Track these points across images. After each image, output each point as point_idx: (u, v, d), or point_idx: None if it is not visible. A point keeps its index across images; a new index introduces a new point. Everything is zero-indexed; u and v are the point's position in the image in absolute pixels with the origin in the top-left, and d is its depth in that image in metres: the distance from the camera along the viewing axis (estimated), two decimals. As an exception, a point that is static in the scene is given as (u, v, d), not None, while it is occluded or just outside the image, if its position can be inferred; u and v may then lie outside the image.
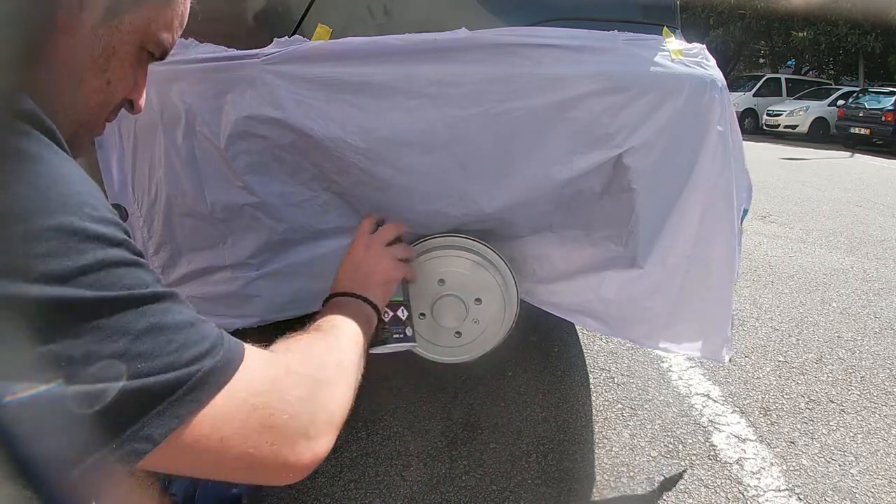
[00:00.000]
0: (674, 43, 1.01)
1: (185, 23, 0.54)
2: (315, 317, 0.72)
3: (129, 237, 0.40)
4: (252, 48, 0.92)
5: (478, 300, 1.03)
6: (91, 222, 0.36)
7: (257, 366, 0.47)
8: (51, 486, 0.32)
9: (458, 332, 1.05)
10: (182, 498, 1.11)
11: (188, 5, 0.54)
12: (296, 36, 0.94)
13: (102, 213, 0.37)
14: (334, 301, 0.78)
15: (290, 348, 0.57)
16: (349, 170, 0.96)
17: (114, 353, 0.35)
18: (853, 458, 1.51)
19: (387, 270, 0.85)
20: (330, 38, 0.93)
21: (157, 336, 0.38)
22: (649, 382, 1.86)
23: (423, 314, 1.04)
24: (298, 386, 0.49)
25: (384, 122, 0.92)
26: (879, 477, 1.45)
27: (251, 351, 0.48)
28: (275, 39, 0.93)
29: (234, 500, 1.18)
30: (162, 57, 0.52)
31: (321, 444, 0.49)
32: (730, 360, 1.17)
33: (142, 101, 0.54)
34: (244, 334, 0.53)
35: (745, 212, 1.15)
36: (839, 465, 1.48)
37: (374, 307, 0.79)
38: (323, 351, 0.60)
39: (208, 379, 0.41)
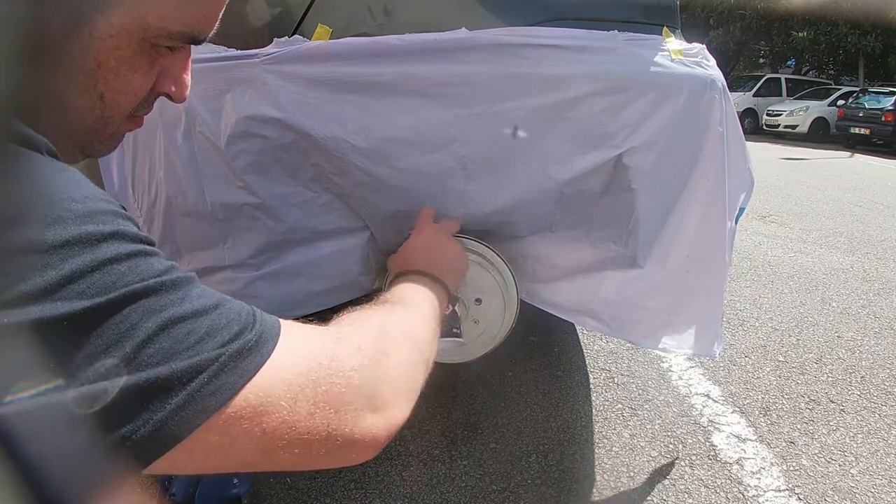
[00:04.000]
0: (674, 43, 1.01)
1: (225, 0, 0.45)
2: (382, 292, 0.66)
3: (128, 221, 0.35)
4: (252, 48, 0.92)
5: (478, 300, 1.03)
6: (74, 222, 0.31)
7: (300, 341, 0.42)
8: (57, 488, 0.29)
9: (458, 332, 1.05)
10: (182, 497, 1.11)
11: None
12: (296, 36, 0.94)
13: (89, 206, 0.33)
14: (406, 277, 0.72)
15: (347, 320, 0.51)
16: (349, 170, 0.96)
17: (122, 358, 0.31)
18: (853, 458, 1.51)
19: (458, 257, 0.82)
20: (330, 38, 0.93)
21: (172, 330, 0.34)
22: (649, 382, 1.86)
23: (423, 314, 1.04)
24: (355, 355, 0.44)
25: (384, 122, 0.92)
26: (879, 477, 1.45)
27: (292, 327, 0.42)
28: (275, 39, 0.93)
29: (233, 499, 1.18)
30: (194, 43, 0.45)
31: (392, 416, 0.44)
32: (720, 354, 1.17)
33: (185, 91, 0.47)
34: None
35: (742, 210, 1.16)
36: (839, 465, 1.48)
37: (447, 291, 0.74)
38: (391, 321, 0.54)
39: (237, 364, 0.36)
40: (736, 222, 1.12)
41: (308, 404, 0.39)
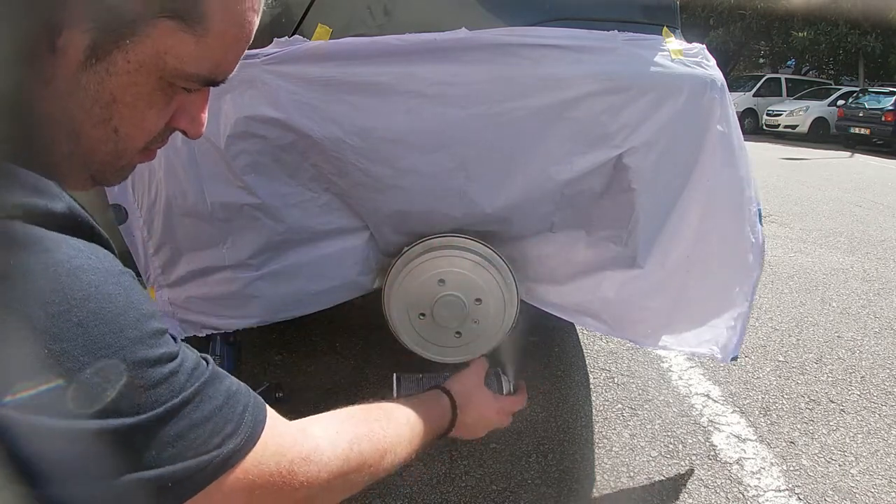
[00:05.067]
0: (674, 43, 1.01)
1: (247, 38, 0.44)
2: (423, 399, 0.71)
3: (165, 333, 0.39)
4: (252, 48, 0.92)
5: (478, 300, 1.03)
6: (132, 348, 0.36)
7: (273, 447, 0.45)
8: None
9: (458, 332, 1.05)
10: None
11: (246, 21, 0.43)
12: (296, 36, 0.94)
13: (142, 330, 0.37)
14: (442, 414, 0.74)
15: (343, 428, 0.55)
16: (348, 170, 0.96)
17: (142, 465, 0.36)
18: (853, 458, 1.51)
19: (491, 427, 0.83)
20: (330, 38, 0.93)
21: (184, 437, 0.38)
22: (649, 382, 1.86)
23: (423, 314, 1.04)
24: (315, 478, 0.48)
25: (384, 123, 0.92)
26: (879, 477, 1.45)
27: (272, 426, 0.46)
28: (275, 39, 0.93)
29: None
30: (212, 85, 0.45)
31: None
32: (733, 360, 1.15)
33: (200, 129, 0.47)
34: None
35: (760, 211, 1.13)
36: (839, 465, 1.48)
37: (447, 434, 0.77)
38: (378, 449, 0.58)
39: (220, 466, 0.41)
40: (760, 222, 1.10)
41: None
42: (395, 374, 0.85)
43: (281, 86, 0.91)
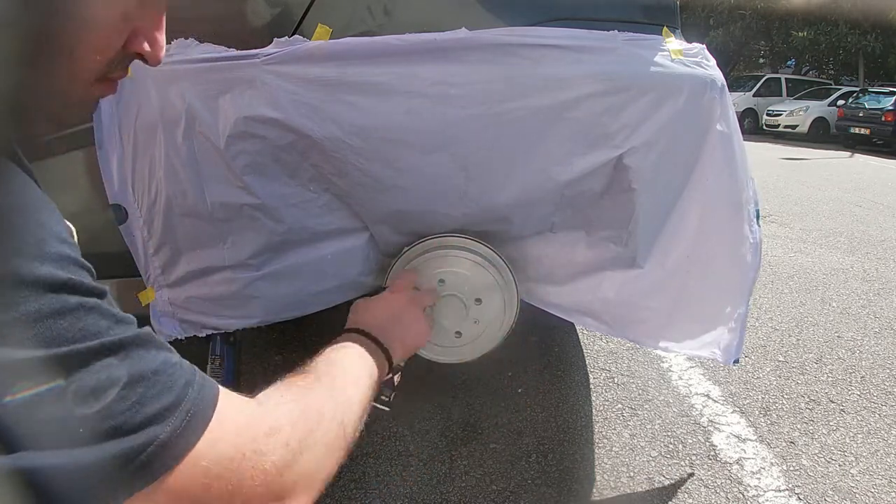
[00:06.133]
0: (674, 43, 1.01)
1: None
2: (328, 345, 0.66)
3: (83, 268, 0.35)
4: (252, 48, 0.92)
5: (478, 300, 1.03)
6: (34, 262, 0.31)
7: (231, 425, 0.41)
8: None
9: (458, 332, 1.05)
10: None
11: None
12: (296, 36, 0.94)
13: (48, 249, 0.33)
14: (355, 338, 0.71)
15: (284, 398, 0.50)
16: (348, 171, 0.96)
17: (51, 419, 0.30)
18: (853, 458, 1.51)
19: (419, 335, 0.81)
20: (330, 38, 0.93)
21: (103, 395, 0.33)
22: (649, 382, 1.86)
23: (422, 314, 1.04)
24: (279, 450, 0.44)
25: (384, 123, 0.92)
26: (879, 477, 1.45)
27: (226, 406, 0.41)
28: (275, 39, 0.93)
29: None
30: None
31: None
32: (735, 363, 1.15)
33: (159, 52, 0.44)
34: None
35: (758, 212, 1.13)
36: (839, 465, 1.48)
37: (390, 365, 0.73)
38: (323, 403, 0.53)
39: (163, 452, 0.35)
40: (758, 223, 1.10)
41: (220, 493, 0.39)
42: None
43: (281, 86, 0.91)
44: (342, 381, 0.59)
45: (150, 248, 1.10)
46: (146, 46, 0.43)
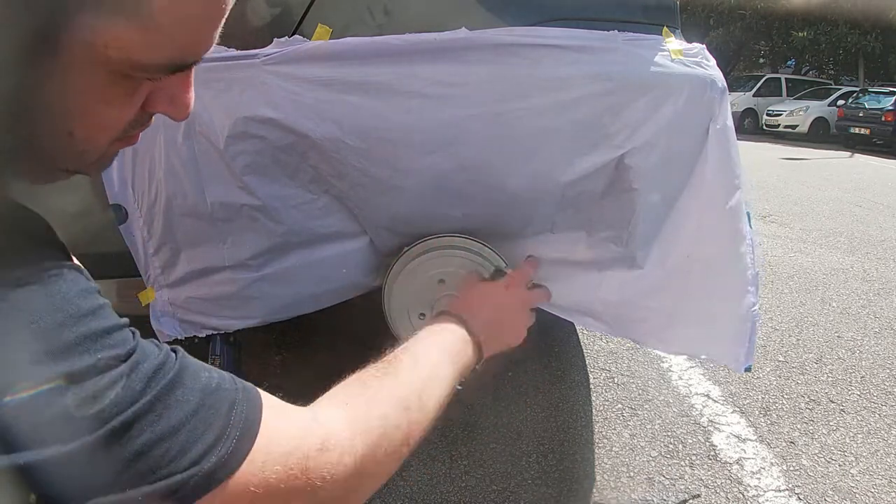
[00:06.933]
0: (674, 43, 1.00)
1: (219, 12, 0.39)
2: (425, 330, 0.63)
3: (107, 332, 0.34)
4: (252, 48, 0.92)
5: (478, 300, 1.03)
6: (53, 356, 0.31)
7: (277, 446, 0.39)
8: None
9: (458, 333, 1.05)
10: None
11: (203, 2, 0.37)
12: (296, 36, 0.94)
13: (66, 337, 0.32)
14: (452, 329, 0.67)
15: (346, 402, 0.47)
16: (347, 171, 0.96)
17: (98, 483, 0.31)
18: (853, 458, 1.51)
19: (518, 336, 0.78)
20: (330, 38, 0.93)
21: (146, 456, 0.33)
22: (649, 382, 1.86)
23: (423, 314, 1.04)
24: (332, 466, 0.41)
25: (383, 123, 0.92)
26: (879, 477, 1.45)
27: (273, 418, 0.39)
28: (275, 39, 0.93)
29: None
30: (178, 71, 0.39)
31: None
32: (746, 370, 1.14)
33: (185, 111, 0.42)
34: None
35: (749, 214, 1.14)
36: (839, 465, 1.48)
37: (481, 358, 0.69)
38: (392, 406, 0.49)
39: (206, 482, 0.35)
40: (749, 225, 1.10)
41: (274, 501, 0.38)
42: None
43: (280, 86, 0.90)
44: (419, 383, 0.56)
45: (150, 248, 1.10)
46: (169, 108, 0.41)
